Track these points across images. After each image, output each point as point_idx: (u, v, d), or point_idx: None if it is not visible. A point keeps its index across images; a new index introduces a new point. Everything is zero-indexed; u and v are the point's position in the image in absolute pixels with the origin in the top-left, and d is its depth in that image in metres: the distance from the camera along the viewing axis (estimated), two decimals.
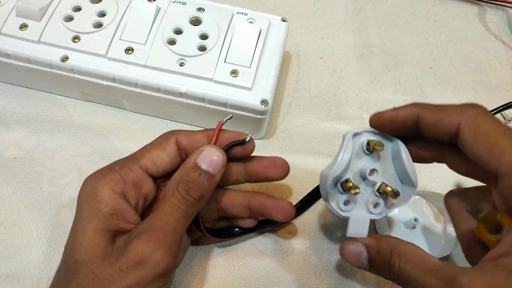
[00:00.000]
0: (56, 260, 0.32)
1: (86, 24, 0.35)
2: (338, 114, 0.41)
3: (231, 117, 0.29)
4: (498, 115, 0.42)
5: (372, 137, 0.27)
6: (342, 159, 0.26)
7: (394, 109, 0.26)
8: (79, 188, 0.34)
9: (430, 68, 0.45)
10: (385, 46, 0.46)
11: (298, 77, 0.43)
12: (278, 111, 0.41)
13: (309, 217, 0.35)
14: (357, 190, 0.26)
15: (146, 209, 0.29)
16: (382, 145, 0.26)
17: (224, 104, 0.34)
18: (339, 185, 0.27)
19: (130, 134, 0.38)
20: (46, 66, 0.35)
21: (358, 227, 0.27)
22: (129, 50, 0.35)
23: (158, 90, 0.35)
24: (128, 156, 0.28)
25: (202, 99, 0.34)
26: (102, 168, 0.27)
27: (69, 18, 0.36)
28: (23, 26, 0.35)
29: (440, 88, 0.44)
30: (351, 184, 0.26)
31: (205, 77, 0.34)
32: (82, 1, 0.36)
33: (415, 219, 0.32)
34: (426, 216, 0.34)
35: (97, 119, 0.38)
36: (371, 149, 0.27)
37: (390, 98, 0.43)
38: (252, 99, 0.34)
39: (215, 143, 0.28)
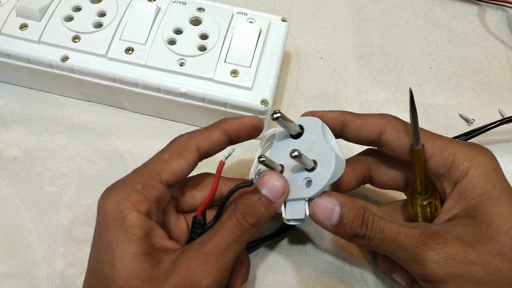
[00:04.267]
0: (56, 260, 0.32)
1: (86, 24, 0.35)
2: None
3: (233, 151, 0.27)
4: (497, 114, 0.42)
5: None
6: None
7: (324, 111, 0.29)
8: (79, 188, 0.35)
9: (430, 68, 0.45)
10: (385, 46, 0.46)
11: (298, 77, 0.43)
12: None
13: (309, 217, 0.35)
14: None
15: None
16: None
17: (224, 104, 0.34)
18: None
19: (130, 134, 0.38)
20: (46, 66, 0.35)
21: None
22: (129, 50, 0.35)
23: (158, 90, 0.35)
24: (146, 169, 0.26)
25: (202, 99, 0.34)
26: (122, 186, 0.25)
27: (69, 18, 0.36)
28: (23, 26, 0.35)
29: (440, 88, 0.44)
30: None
31: (205, 77, 0.34)
32: (82, 1, 0.36)
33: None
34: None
35: (97, 119, 0.38)
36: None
37: (390, 98, 0.43)
38: (252, 99, 0.34)
39: (217, 185, 0.26)
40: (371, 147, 0.30)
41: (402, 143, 0.27)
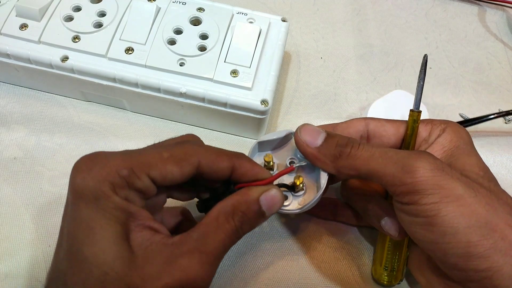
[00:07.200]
0: None
1: (86, 24, 0.35)
2: (338, 114, 0.41)
3: (305, 163, 0.30)
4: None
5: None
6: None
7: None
8: None
9: (430, 68, 0.45)
10: (385, 46, 0.46)
11: (298, 77, 0.43)
12: (278, 111, 0.41)
13: (308, 217, 0.35)
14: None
15: (155, 214, 0.27)
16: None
17: (224, 104, 0.34)
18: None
19: (130, 134, 0.38)
20: (46, 66, 0.35)
21: None
22: (129, 50, 0.35)
23: (158, 90, 0.35)
24: (140, 156, 0.25)
25: (202, 99, 0.34)
26: (106, 165, 0.24)
27: (69, 18, 0.36)
28: (23, 26, 0.35)
29: (440, 88, 0.44)
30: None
31: (205, 77, 0.34)
32: (82, 1, 0.36)
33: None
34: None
35: (97, 119, 0.38)
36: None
37: None
38: (252, 99, 0.34)
39: (275, 178, 0.27)
40: None
41: (387, 127, 0.31)
